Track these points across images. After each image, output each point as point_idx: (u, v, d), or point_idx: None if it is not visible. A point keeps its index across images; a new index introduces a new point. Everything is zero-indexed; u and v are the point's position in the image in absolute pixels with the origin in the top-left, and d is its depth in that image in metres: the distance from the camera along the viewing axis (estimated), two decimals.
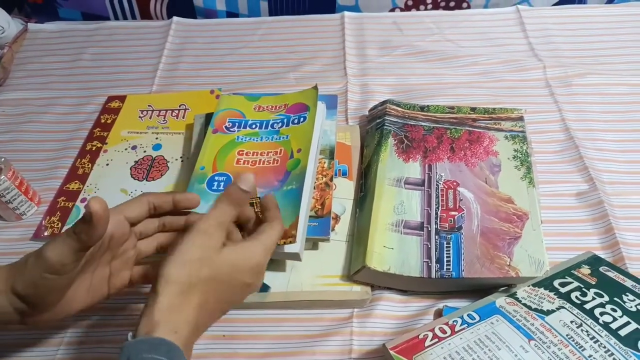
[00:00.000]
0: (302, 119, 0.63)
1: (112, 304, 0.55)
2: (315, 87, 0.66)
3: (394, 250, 0.55)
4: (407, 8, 0.95)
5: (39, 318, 0.44)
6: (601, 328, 0.46)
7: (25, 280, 0.41)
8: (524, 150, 0.63)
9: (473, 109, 0.69)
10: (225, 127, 0.64)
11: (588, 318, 0.47)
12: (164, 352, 0.35)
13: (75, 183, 0.68)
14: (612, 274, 0.53)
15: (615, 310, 0.48)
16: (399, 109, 0.70)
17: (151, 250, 0.50)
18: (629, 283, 0.52)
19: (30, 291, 0.41)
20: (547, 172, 0.66)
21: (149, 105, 0.78)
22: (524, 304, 0.50)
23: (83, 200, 0.66)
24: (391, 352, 0.46)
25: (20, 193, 0.63)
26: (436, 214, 0.58)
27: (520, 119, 0.67)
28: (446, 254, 0.54)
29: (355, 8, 0.95)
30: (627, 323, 0.47)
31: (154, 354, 0.35)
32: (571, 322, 0.47)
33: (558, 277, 0.53)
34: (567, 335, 0.46)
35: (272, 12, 0.96)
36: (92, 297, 0.46)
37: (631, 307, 0.49)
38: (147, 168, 0.69)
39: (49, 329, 0.54)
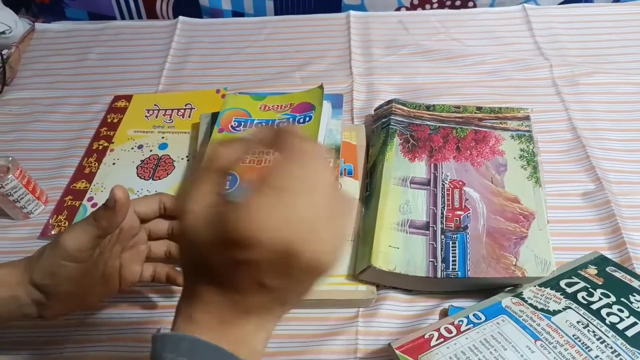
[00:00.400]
0: (307, 119, 0.63)
1: (118, 302, 0.56)
2: (321, 87, 0.66)
3: (399, 250, 0.55)
4: (413, 7, 0.95)
5: (56, 311, 0.45)
6: (608, 329, 0.46)
7: (43, 269, 0.42)
8: (530, 150, 0.63)
9: (479, 109, 0.69)
10: (231, 126, 0.65)
11: (595, 318, 0.47)
12: (185, 350, 0.29)
13: (82, 182, 0.68)
14: (619, 275, 0.53)
15: (622, 311, 0.48)
16: (404, 108, 0.69)
17: (161, 253, 0.51)
18: (635, 283, 0.52)
19: (47, 280, 0.42)
20: (554, 172, 0.66)
21: (155, 105, 0.78)
22: (530, 304, 0.50)
23: (90, 199, 0.66)
24: (397, 351, 0.46)
25: (27, 192, 0.63)
26: (442, 213, 0.58)
27: (527, 118, 0.67)
28: (452, 253, 0.54)
29: (361, 7, 0.95)
30: (634, 324, 0.47)
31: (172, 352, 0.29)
32: (578, 322, 0.47)
33: (564, 277, 0.53)
34: (573, 335, 0.46)
35: (278, 11, 0.96)
36: (104, 290, 0.47)
37: (638, 307, 0.48)
38: (154, 167, 0.69)
39: (56, 327, 0.54)
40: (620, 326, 0.46)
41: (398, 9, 0.95)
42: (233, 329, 0.30)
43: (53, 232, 0.63)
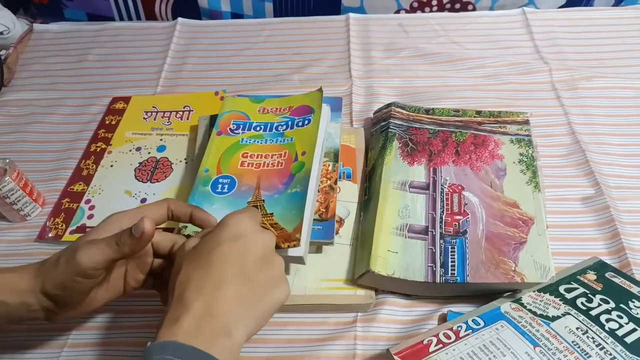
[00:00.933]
0: (306, 122, 0.63)
1: (116, 306, 0.55)
2: (320, 90, 0.66)
3: (398, 255, 0.55)
4: (413, 10, 0.95)
5: (63, 316, 0.46)
6: (607, 335, 0.46)
7: (56, 281, 0.43)
8: (530, 154, 0.63)
9: (478, 112, 0.69)
10: (230, 129, 0.64)
11: (594, 324, 0.47)
12: (171, 351, 0.35)
13: (80, 184, 0.68)
14: (618, 280, 0.53)
15: (621, 317, 0.48)
16: (403, 111, 0.69)
17: (161, 269, 0.51)
18: (635, 289, 0.51)
19: (59, 291, 0.43)
20: (553, 176, 0.66)
21: (153, 107, 0.78)
22: (529, 310, 0.50)
23: (87, 202, 0.66)
24: (395, 357, 0.46)
25: (24, 194, 0.63)
26: (441, 218, 0.58)
27: (526, 122, 0.67)
28: (451, 258, 0.54)
29: (360, 9, 0.95)
30: (634, 330, 0.47)
31: (163, 354, 0.35)
32: (577, 328, 0.47)
33: (563, 283, 0.53)
34: (572, 342, 0.45)
35: (277, 13, 0.96)
36: (110, 294, 0.48)
37: (637, 313, 0.48)
38: (152, 170, 0.69)
39: (54, 331, 0.54)
40: (620, 332, 0.46)
41: (397, 12, 0.95)
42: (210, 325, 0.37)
43: (50, 235, 0.62)
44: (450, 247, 0.55)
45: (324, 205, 0.59)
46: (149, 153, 0.71)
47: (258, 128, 0.64)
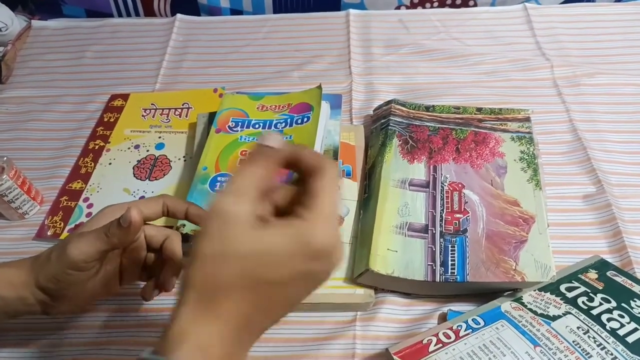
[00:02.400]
0: (305, 119, 0.62)
1: (112, 305, 0.55)
2: (319, 87, 0.66)
3: (397, 253, 0.54)
4: (413, 6, 0.94)
5: (59, 310, 0.46)
6: (608, 334, 0.46)
7: (48, 274, 0.43)
8: (531, 152, 0.62)
9: (479, 109, 0.68)
10: (229, 126, 0.64)
11: (595, 324, 0.47)
12: None
13: (78, 182, 0.67)
14: (619, 279, 0.52)
15: (622, 317, 0.47)
16: (403, 108, 0.69)
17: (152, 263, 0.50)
18: (636, 288, 0.51)
19: (52, 285, 0.44)
20: (554, 174, 0.65)
21: (152, 104, 0.77)
22: (530, 309, 0.49)
23: (85, 200, 0.65)
24: (394, 357, 0.45)
25: (22, 192, 0.62)
26: (441, 216, 0.57)
27: (527, 119, 0.66)
28: (451, 257, 0.54)
29: (360, 5, 0.94)
30: (635, 330, 0.46)
31: None
32: (578, 328, 0.46)
33: (564, 282, 0.52)
34: (573, 341, 0.45)
35: (277, 9, 0.95)
36: (106, 290, 0.48)
37: (639, 312, 0.48)
38: (150, 167, 0.68)
39: (51, 330, 0.54)
40: (621, 332, 0.46)
41: (398, 8, 0.94)
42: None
43: (49, 233, 0.62)
44: (450, 245, 0.55)
45: None
46: (148, 151, 0.71)
47: (257, 126, 0.64)
